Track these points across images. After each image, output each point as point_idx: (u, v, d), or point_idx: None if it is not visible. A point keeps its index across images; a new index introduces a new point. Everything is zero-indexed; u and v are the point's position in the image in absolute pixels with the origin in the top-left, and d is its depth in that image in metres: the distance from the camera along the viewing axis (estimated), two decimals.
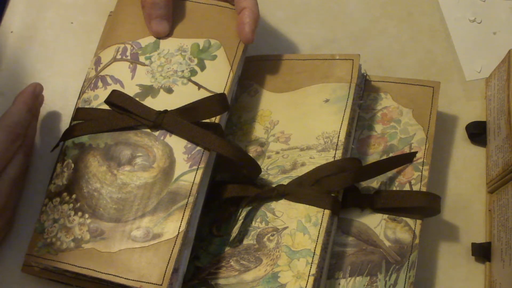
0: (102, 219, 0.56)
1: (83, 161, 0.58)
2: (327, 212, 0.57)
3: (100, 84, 0.62)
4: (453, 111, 0.71)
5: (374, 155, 0.64)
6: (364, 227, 0.61)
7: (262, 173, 0.61)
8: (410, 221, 0.60)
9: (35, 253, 0.56)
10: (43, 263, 0.56)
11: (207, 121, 0.59)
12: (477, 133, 0.69)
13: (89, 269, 0.54)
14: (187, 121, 0.58)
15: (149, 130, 0.59)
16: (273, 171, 0.61)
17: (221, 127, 0.60)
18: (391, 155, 0.63)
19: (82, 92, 0.64)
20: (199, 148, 0.58)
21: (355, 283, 0.58)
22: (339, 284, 0.58)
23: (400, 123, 0.65)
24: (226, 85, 0.61)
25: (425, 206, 0.60)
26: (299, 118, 0.63)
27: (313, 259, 0.56)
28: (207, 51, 0.62)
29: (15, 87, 0.66)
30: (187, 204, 0.56)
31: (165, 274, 0.53)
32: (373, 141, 0.65)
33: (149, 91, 0.61)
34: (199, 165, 0.57)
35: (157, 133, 0.59)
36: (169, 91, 0.61)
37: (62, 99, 0.68)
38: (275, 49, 0.72)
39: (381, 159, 0.63)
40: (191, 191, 0.56)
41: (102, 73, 0.63)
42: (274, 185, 0.60)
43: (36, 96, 0.62)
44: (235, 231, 0.59)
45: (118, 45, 0.63)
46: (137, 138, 0.59)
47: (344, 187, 0.59)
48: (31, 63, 0.69)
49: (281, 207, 0.59)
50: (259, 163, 0.61)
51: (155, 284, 0.53)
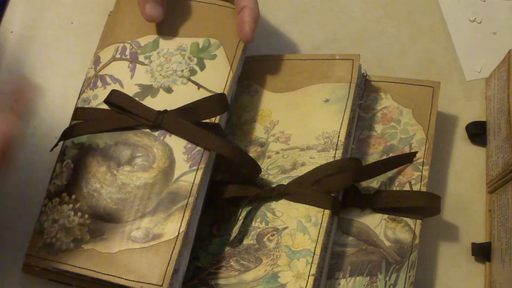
0: (102, 220, 0.56)
1: (82, 161, 0.58)
2: (327, 212, 0.57)
3: (99, 83, 0.62)
4: (453, 111, 0.70)
5: (374, 155, 0.64)
6: (364, 227, 0.61)
7: (262, 173, 0.61)
8: (410, 221, 0.60)
9: (35, 253, 0.56)
10: (43, 263, 0.56)
11: (207, 121, 0.59)
12: (477, 133, 0.69)
13: (89, 269, 0.54)
14: (187, 121, 0.58)
15: (148, 130, 0.59)
16: (273, 171, 0.61)
17: (221, 127, 0.60)
18: (391, 155, 0.63)
19: (81, 91, 0.64)
20: (199, 148, 0.58)
21: (355, 283, 0.58)
22: (339, 284, 0.58)
23: (400, 123, 0.65)
24: (226, 84, 0.61)
25: (425, 206, 0.60)
26: (299, 118, 0.63)
27: (313, 259, 0.56)
28: (206, 51, 0.62)
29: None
30: (187, 204, 0.56)
31: (165, 274, 0.53)
32: (373, 141, 0.65)
33: (148, 90, 0.61)
34: (199, 165, 0.57)
35: (156, 133, 0.58)
36: (169, 90, 0.60)
37: (62, 99, 0.67)
38: (275, 49, 0.72)
39: (381, 159, 0.63)
40: (191, 192, 0.56)
41: (101, 73, 0.62)
42: (274, 185, 0.60)
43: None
44: (235, 231, 0.59)
45: (117, 44, 0.63)
46: (136, 138, 0.58)
47: (344, 187, 0.59)
48: (31, 63, 0.69)
49: (281, 207, 0.59)
50: (259, 163, 0.61)
51: (155, 285, 0.53)
